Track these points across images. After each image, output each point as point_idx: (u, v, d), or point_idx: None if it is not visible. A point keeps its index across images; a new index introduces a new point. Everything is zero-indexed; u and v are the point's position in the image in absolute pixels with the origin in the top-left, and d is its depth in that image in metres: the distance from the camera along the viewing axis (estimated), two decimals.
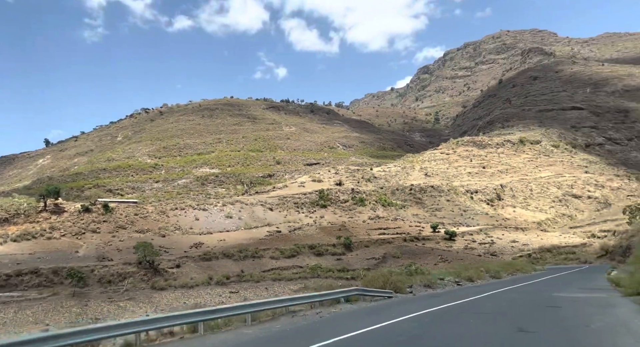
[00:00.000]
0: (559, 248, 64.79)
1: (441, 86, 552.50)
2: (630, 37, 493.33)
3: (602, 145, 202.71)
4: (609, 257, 45.46)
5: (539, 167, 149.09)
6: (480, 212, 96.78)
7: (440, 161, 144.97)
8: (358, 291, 19.29)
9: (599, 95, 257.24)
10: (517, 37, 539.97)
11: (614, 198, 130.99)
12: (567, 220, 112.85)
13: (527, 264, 41.47)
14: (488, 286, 26.16)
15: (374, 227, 77.06)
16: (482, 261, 57.46)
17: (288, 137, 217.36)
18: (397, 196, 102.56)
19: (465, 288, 25.16)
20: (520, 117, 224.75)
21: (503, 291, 21.76)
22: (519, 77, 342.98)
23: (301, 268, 52.28)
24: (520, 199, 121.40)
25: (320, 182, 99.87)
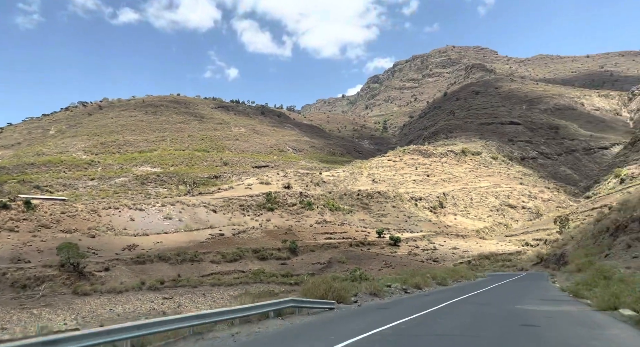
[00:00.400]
0: (497, 255, 67.31)
1: (390, 96, 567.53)
2: (560, 60, 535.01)
3: (535, 159, 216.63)
4: (544, 264, 47.44)
5: (479, 177, 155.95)
6: (423, 219, 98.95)
7: (388, 168, 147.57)
8: (293, 302, 16.13)
9: (534, 111, 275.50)
10: (462, 53, 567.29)
11: (545, 209, 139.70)
12: (503, 228, 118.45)
13: (468, 271, 41.76)
14: (437, 294, 24.41)
15: (320, 232, 76.07)
16: (424, 267, 58.05)
17: (237, 138, 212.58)
18: (345, 201, 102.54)
19: (415, 297, 22.95)
20: (463, 129, 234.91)
21: (458, 301, 19.77)
22: (462, 91, 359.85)
23: (243, 273, 49.98)
24: (461, 207, 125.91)
25: (269, 184, 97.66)
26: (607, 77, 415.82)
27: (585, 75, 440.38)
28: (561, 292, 20.17)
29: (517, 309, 15.77)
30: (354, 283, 24.62)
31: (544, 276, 36.47)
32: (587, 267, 20.29)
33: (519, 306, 16.53)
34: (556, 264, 40.17)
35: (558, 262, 39.47)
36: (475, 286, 29.76)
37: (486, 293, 23.50)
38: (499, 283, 30.42)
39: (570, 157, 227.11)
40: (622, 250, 20.77)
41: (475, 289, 26.79)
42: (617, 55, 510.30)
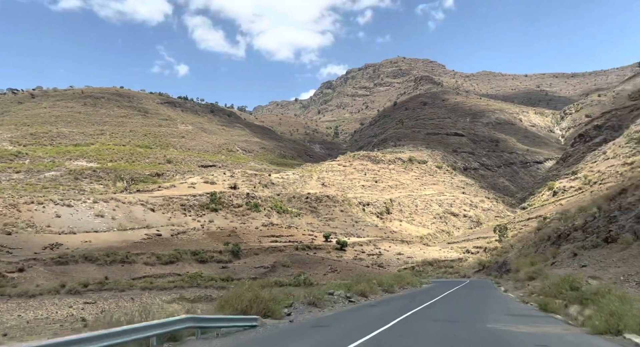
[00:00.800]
0: (439, 262, 68.34)
1: (342, 102, 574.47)
2: (502, 77, 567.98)
3: (477, 169, 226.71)
4: (485, 272, 48.26)
5: (424, 185, 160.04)
6: (370, 224, 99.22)
7: (337, 173, 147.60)
8: (191, 321, 11.31)
9: (477, 124, 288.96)
10: (412, 64, 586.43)
11: (485, 218, 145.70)
12: (446, 236, 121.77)
13: (413, 277, 41.23)
14: (386, 304, 21.23)
15: (266, 234, 73.58)
16: (370, 272, 57.36)
17: (183, 136, 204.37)
18: (293, 204, 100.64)
19: (360, 308, 19.79)
20: (411, 138, 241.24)
21: (413, 315, 16.19)
22: (411, 102, 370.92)
23: (179, 276, 46.58)
24: (407, 214, 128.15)
25: (214, 184, 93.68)
26: (543, 96, 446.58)
27: (524, 93, 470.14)
28: (522, 304, 18.13)
29: (492, 330, 12.92)
30: (291, 290, 22.75)
31: (489, 284, 35.91)
32: (538, 275, 19.89)
33: (491, 325, 13.78)
34: (498, 272, 40.68)
35: (500, 270, 40.01)
36: (425, 294, 27.58)
37: (441, 304, 20.66)
38: (448, 291, 28.56)
39: (508, 169, 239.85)
40: (568, 258, 20.67)
41: (426, 298, 24.20)
42: (551, 77, 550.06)
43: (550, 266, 21.16)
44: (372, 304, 21.20)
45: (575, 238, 22.75)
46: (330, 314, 17.58)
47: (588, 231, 21.60)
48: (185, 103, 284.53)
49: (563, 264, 20.25)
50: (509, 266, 35.83)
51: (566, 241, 24.29)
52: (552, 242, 27.76)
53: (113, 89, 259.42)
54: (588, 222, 22.46)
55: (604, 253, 17.02)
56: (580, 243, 20.85)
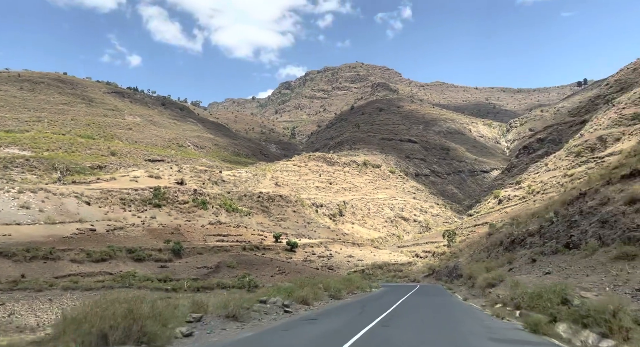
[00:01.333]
0: (389, 265, 67.86)
1: (300, 103, 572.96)
2: (454, 88, 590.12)
3: (428, 176, 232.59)
4: (435, 276, 47.80)
5: (377, 189, 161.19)
6: (323, 226, 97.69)
7: (292, 173, 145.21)
8: None
9: (429, 132, 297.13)
10: (370, 70, 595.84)
11: (434, 223, 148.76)
12: (396, 239, 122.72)
13: (363, 281, 39.57)
14: (330, 317, 16.65)
15: (213, 233, 69.89)
16: (319, 274, 55.54)
17: (130, 128, 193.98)
18: (244, 202, 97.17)
19: (294, 324, 14.81)
20: (366, 142, 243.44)
21: (363, 340, 11.43)
22: (367, 107, 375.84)
23: (111, 275, 42.39)
24: (359, 217, 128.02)
25: (159, 178, 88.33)
26: (491, 108, 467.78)
27: (474, 104, 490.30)
28: (500, 321, 14.32)
29: None
30: (233, 293, 19.97)
31: (441, 290, 34.25)
32: (499, 282, 18.61)
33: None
34: (449, 277, 40.13)
35: (451, 275, 39.47)
36: (376, 302, 23.68)
37: (399, 318, 16.08)
38: (402, 298, 25.41)
39: (457, 177, 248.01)
40: (526, 264, 19.77)
41: (379, 308, 19.85)
42: (499, 91, 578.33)
43: (508, 272, 20.19)
44: (311, 318, 16.41)
45: (532, 243, 22.02)
46: (249, 334, 12.40)
47: (546, 236, 20.89)
48: (134, 94, 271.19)
49: (522, 270, 19.30)
50: (460, 271, 35.17)
51: (521, 246, 23.61)
52: (505, 247, 27.16)
53: (55, 74, 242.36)
54: (544, 227, 21.80)
55: (567, 259, 16.10)
56: (539, 248, 20.04)
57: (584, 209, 18.28)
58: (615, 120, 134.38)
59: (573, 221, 18.46)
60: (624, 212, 14.91)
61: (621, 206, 15.36)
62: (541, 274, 16.05)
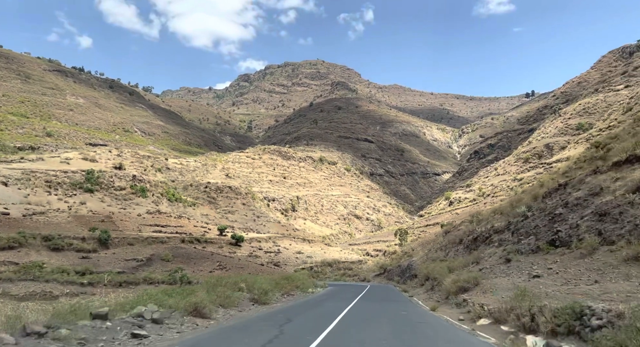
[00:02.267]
0: (339, 263, 64.90)
1: (259, 97, 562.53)
2: (411, 92, 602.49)
3: (382, 176, 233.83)
4: (386, 276, 45.11)
5: (331, 186, 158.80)
6: (273, 220, 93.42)
7: (245, 164, 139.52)
8: None
9: (385, 133, 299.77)
10: (330, 69, 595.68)
11: (386, 222, 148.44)
12: (348, 237, 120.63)
13: (308, 279, 35.66)
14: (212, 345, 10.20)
15: (150, 223, 63.83)
16: (263, 271, 51.59)
17: (71, 109, 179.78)
18: (190, 192, 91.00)
19: None
20: (323, 138, 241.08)
21: None
22: (326, 104, 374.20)
23: (16, 265, 36.16)
24: (312, 213, 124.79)
25: (95, 162, 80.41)
26: (445, 114, 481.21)
27: (429, 109, 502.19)
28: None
29: None
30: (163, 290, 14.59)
31: (395, 292, 29.57)
32: (474, 286, 15.53)
33: None
34: (401, 277, 37.41)
35: (403, 275, 36.74)
36: (311, 311, 17.75)
37: None
38: (349, 305, 19.46)
39: (410, 178, 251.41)
40: (499, 264, 16.99)
41: (312, 324, 13.79)
42: (453, 97, 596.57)
43: (478, 273, 17.33)
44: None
45: (502, 241, 19.37)
46: None
47: (520, 232, 18.27)
48: (79, 74, 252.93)
49: (495, 271, 16.36)
50: (414, 270, 32.47)
51: (486, 245, 20.94)
52: (465, 245, 24.61)
53: None
54: (516, 223, 19.22)
55: (556, 260, 13.37)
56: (513, 246, 17.35)
57: (570, 200, 15.72)
58: (561, 130, 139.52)
59: (556, 214, 15.85)
60: (631, 202, 12.30)
61: (627, 194, 12.78)
62: (528, 278, 13.15)
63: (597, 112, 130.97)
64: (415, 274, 30.91)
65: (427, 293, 22.05)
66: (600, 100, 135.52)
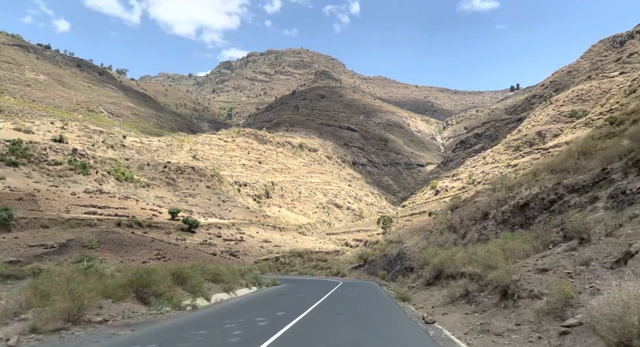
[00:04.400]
0: (312, 253, 55.09)
1: (240, 85, 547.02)
2: (396, 84, 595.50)
3: (365, 165, 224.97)
4: (367, 269, 35.29)
5: (311, 173, 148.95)
6: (241, 206, 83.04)
7: (216, 147, 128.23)
8: None
9: (369, 123, 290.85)
10: (314, 58, 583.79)
11: (367, 212, 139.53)
12: (326, 227, 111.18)
13: (236, 274, 24.47)
14: None
15: (84, 204, 52.81)
16: (214, 261, 41.56)
17: (29, 85, 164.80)
18: (146, 172, 79.86)
19: None
20: (304, 125, 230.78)
21: None
22: (309, 93, 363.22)
23: None
24: (288, 200, 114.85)
25: (29, 133, 68.52)
26: (429, 106, 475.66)
27: (413, 101, 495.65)
28: None
29: None
30: None
31: (382, 296, 18.52)
32: None
33: None
34: (389, 270, 27.42)
35: (392, 267, 26.80)
36: None
37: None
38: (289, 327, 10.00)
39: (393, 169, 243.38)
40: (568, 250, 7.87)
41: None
42: (437, 91, 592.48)
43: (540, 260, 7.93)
44: None
45: (593, 200, 10.31)
46: None
47: None
48: (44, 51, 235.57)
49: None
50: (410, 261, 22.60)
51: (551, 212, 11.93)
52: (500, 220, 15.54)
53: None
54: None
55: None
56: None
57: None
58: (553, 117, 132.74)
59: None
60: None
61: None
62: None
63: (591, 99, 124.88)
64: (412, 266, 21.14)
65: (457, 304, 11.31)
66: (594, 87, 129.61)
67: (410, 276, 20.41)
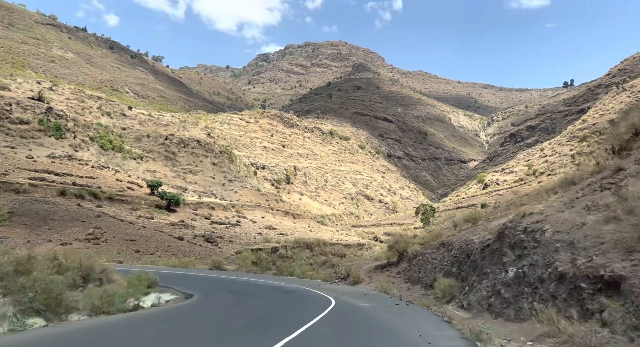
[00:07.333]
0: (325, 245, 40.60)
1: (275, 76, 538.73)
2: (437, 79, 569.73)
3: (401, 158, 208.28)
4: (405, 272, 20.05)
5: (341, 161, 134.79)
6: (251, 187, 70.04)
7: (236, 127, 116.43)
8: None
9: (407, 115, 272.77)
10: (352, 51, 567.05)
11: (402, 206, 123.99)
12: (354, 220, 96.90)
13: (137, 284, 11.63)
14: None
15: (35, 168, 41.08)
16: (172, 247, 28.13)
17: (53, 61, 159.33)
18: (143, 144, 68.36)
19: None
20: (337, 113, 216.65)
21: None
22: (345, 84, 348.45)
23: None
24: (312, 188, 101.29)
25: (4, 89, 58.19)
26: (472, 103, 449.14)
27: (455, 97, 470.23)
28: None
29: None
30: None
31: None
32: None
33: None
34: (460, 277, 12.26)
35: (469, 270, 11.83)
36: None
37: None
38: None
39: (432, 163, 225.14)
40: None
41: None
42: (482, 87, 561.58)
43: None
44: None
45: None
46: None
47: None
48: (77, 32, 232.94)
49: None
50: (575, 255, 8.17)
51: None
52: None
53: None
54: None
55: None
56: None
57: None
58: (629, 104, 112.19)
59: None
60: None
61: None
62: None
63: None
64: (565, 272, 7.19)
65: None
66: None
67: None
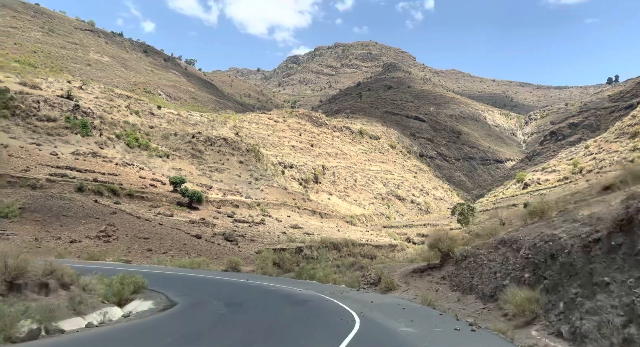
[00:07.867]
0: (354, 246, 37.80)
1: (305, 78, 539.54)
2: (470, 78, 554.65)
3: (434, 158, 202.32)
4: (451, 277, 17.25)
5: (370, 161, 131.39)
6: (277, 186, 68.07)
7: (264, 126, 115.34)
8: None
9: (440, 114, 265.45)
10: (383, 50, 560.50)
11: (435, 207, 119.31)
12: (384, 221, 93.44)
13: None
14: None
15: (58, 165, 40.41)
16: (188, 246, 26.18)
17: (89, 64, 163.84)
18: (170, 142, 67.74)
19: None
20: (367, 112, 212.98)
21: None
22: (375, 83, 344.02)
23: None
24: (341, 188, 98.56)
25: (35, 89, 58.68)
26: (508, 101, 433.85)
27: (489, 96, 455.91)
28: None
29: None
30: None
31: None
32: None
33: None
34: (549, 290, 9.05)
35: (564, 282, 8.92)
36: None
37: None
38: None
39: (467, 163, 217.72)
40: None
41: None
42: (518, 85, 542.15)
43: None
44: None
45: None
46: None
47: None
48: (114, 36, 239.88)
49: None
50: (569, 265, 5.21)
51: None
52: None
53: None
54: None
55: None
56: None
57: None
58: None
59: None
60: None
61: None
62: None
63: None
64: None
65: None
66: None
67: None
